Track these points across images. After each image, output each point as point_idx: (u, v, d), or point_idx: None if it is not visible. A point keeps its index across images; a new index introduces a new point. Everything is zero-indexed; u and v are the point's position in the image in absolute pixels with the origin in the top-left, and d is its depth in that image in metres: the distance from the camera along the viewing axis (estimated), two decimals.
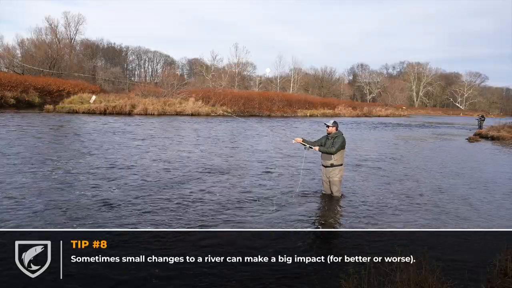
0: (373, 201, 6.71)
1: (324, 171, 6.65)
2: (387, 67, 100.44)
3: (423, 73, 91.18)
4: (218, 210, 5.74)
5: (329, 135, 6.56)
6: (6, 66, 42.31)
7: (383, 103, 70.76)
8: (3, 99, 24.97)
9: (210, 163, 9.70)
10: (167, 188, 6.89)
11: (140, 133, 15.56)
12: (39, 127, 15.81)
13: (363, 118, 42.95)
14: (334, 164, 6.47)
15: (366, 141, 17.63)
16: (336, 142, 6.39)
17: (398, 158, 12.34)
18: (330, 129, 6.55)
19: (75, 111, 24.89)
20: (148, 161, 9.44)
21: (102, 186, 6.83)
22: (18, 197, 5.89)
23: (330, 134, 6.55)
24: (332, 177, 6.55)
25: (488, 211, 6.45)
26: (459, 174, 9.97)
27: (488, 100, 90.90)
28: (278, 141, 15.01)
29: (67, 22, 55.35)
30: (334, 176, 6.53)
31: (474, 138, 20.91)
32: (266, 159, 10.73)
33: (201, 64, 70.03)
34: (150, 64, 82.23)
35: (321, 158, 6.68)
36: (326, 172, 6.60)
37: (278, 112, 36.07)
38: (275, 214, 5.69)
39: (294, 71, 73.29)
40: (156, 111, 26.98)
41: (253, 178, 8.10)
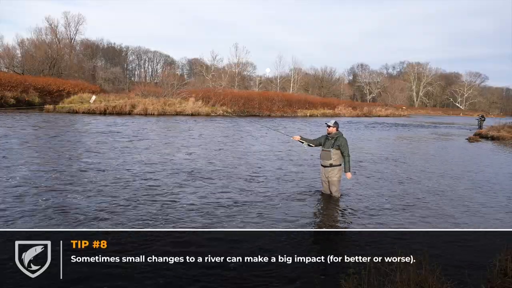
0: (373, 201, 6.71)
1: (323, 171, 6.65)
2: (387, 67, 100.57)
3: (423, 73, 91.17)
4: (218, 211, 5.74)
5: (329, 135, 6.56)
6: (6, 66, 42.30)
7: (383, 103, 70.75)
8: (3, 99, 24.98)
9: (211, 163, 9.70)
10: (167, 188, 6.89)
11: (140, 133, 15.56)
12: (39, 127, 15.81)
13: (363, 118, 42.93)
14: (333, 164, 6.47)
15: (365, 141, 17.63)
16: (344, 146, 6.42)
17: (398, 158, 12.34)
18: (331, 129, 6.55)
19: (75, 111, 24.89)
20: (149, 161, 9.44)
21: (103, 186, 6.83)
22: (18, 197, 5.89)
23: (330, 134, 6.55)
24: (331, 177, 6.55)
25: (488, 211, 6.44)
26: (459, 174, 9.97)
27: (488, 100, 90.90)
28: (277, 142, 15.01)
29: (67, 22, 55.45)
30: (333, 176, 6.53)
31: (474, 138, 20.90)
32: (265, 159, 10.73)
33: (201, 64, 70.04)
34: (150, 64, 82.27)
35: (320, 158, 6.68)
36: (325, 172, 6.60)
37: (278, 112, 36.07)
38: (275, 214, 5.68)
39: (294, 71, 73.37)
40: (156, 111, 26.98)
41: (252, 179, 8.09)
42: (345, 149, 6.44)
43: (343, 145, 6.43)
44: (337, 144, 6.43)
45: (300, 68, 75.82)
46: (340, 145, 6.42)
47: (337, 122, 6.68)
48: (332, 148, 6.44)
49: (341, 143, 6.43)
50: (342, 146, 6.43)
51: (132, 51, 79.14)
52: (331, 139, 6.50)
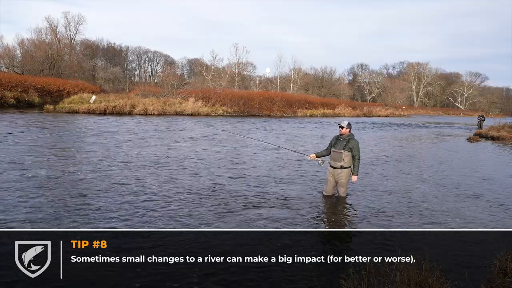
0: (373, 201, 6.71)
1: (332, 172, 6.53)
2: (387, 67, 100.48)
3: (423, 73, 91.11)
4: (218, 211, 5.74)
5: (341, 136, 6.44)
6: (6, 66, 42.29)
7: (383, 103, 70.76)
8: (3, 99, 24.97)
9: (211, 163, 9.70)
10: (167, 189, 6.89)
11: (140, 133, 15.55)
12: (39, 127, 15.81)
13: (363, 118, 42.93)
14: (344, 166, 6.39)
15: (366, 141, 17.62)
16: (355, 148, 6.36)
17: (398, 158, 12.34)
18: (344, 130, 6.42)
19: (75, 111, 24.88)
20: (149, 161, 9.44)
21: (103, 186, 6.83)
22: (18, 197, 5.89)
23: (343, 135, 6.45)
24: (340, 179, 6.48)
25: (488, 212, 6.44)
26: (459, 174, 9.97)
27: (488, 100, 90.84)
28: (278, 142, 15.00)
29: (67, 22, 55.32)
30: (343, 178, 6.46)
31: (474, 138, 20.90)
32: (265, 159, 10.73)
33: (201, 64, 70.02)
34: (150, 64, 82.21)
35: (330, 158, 6.56)
36: (335, 173, 6.49)
37: (278, 112, 36.04)
38: (275, 215, 5.68)
39: (294, 71, 73.31)
40: (156, 111, 26.97)
41: (253, 178, 8.10)
42: (357, 152, 6.36)
43: (355, 148, 6.36)
44: (349, 146, 6.34)
45: (300, 68, 75.84)
46: (353, 147, 6.35)
47: (350, 123, 6.55)
48: (344, 150, 6.34)
49: (353, 145, 6.35)
50: (354, 149, 6.35)
51: (132, 51, 79.14)
52: (343, 140, 6.40)
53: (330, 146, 6.59)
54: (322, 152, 6.78)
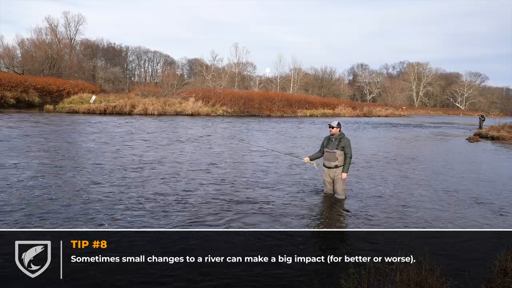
0: (373, 201, 6.71)
1: (327, 172, 6.58)
2: (387, 67, 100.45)
3: (423, 73, 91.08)
4: (218, 211, 5.74)
5: (332, 136, 6.51)
6: (6, 66, 42.28)
7: (383, 103, 70.73)
8: (3, 99, 24.96)
9: (211, 163, 9.70)
10: (167, 189, 6.89)
11: (140, 133, 15.55)
12: (39, 127, 15.81)
13: (363, 118, 42.93)
14: (338, 165, 6.45)
15: (366, 141, 17.62)
16: (347, 146, 6.43)
17: (398, 158, 12.34)
18: (334, 130, 6.48)
19: (75, 111, 24.89)
20: (151, 162, 9.44)
21: (103, 186, 6.83)
22: (18, 197, 5.89)
23: (333, 135, 6.50)
24: (337, 176, 6.51)
25: (488, 211, 6.44)
26: (459, 174, 9.97)
27: (488, 100, 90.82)
28: (278, 142, 15.00)
29: (67, 22, 55.32)
30: (339, 175, 6.50)
31: (474, 138, 20.89)
32: (265, 159, 10.73)
33: (201, 64, 70.00)
34: (150, 64, 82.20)
35: (324, 159, 6.63)
36: (330, 172, 6.55)
37: (278, 112, 36.05)
38: (275, 214, 5.69)
39: (294, 71, 73.28)
40: (156, 111, 26.98)
41: (253, 178, 8.10)
42: (349, 150, 6.44)
43: (347, 146, 6.44)
44: (341, 145, 6.40)
45: (300, 68, 75.82)
46: (345, 146, 6.42)
47: (339, 122, 6.63)
48: (337, 149, 6.40)
49: (345, 144, 6.43)
50: (346, 147, 6.43)
51: (132, 51, 79.11)
52: (335, 140, 6.46)
53: (323, 147, 6.65)
54: (315, 154, 6.86)
